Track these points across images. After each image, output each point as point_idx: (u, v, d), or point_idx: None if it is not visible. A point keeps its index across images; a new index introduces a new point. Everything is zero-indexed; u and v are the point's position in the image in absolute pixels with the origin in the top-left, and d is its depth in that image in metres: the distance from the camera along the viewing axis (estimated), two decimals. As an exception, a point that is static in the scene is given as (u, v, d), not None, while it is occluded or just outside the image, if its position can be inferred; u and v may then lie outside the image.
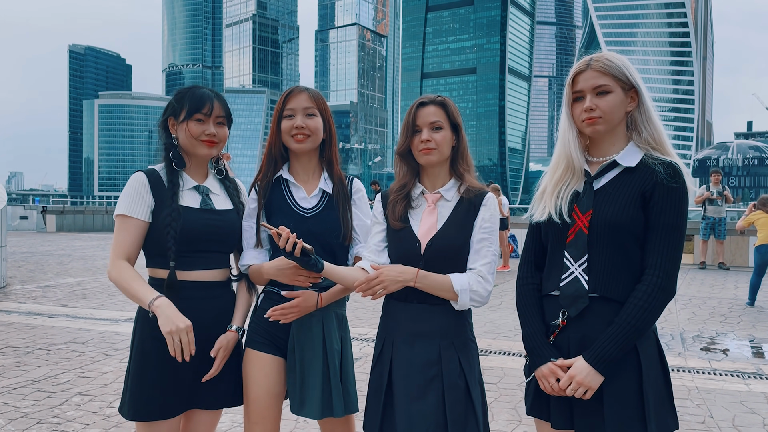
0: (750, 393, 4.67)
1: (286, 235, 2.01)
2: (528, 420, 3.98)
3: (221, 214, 2.31)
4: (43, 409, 4.14)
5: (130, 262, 2.20)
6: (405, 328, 2.13)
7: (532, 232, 2.12)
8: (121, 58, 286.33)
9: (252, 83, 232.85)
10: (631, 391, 1.86)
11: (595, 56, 1.97)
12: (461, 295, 2.07)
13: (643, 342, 1.88)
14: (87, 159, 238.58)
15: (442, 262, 2.10)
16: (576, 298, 1.91)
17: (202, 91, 2.28)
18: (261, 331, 2.28)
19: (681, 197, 1.88)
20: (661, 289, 1.84)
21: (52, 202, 44.08)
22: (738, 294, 9.68)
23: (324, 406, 2.22)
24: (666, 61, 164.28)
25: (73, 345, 5.90)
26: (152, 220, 2.21)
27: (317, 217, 2.29)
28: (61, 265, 12.68)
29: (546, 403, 2.01)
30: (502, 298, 8.80)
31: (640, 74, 1.84)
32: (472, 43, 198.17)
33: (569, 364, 1.89)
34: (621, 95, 1.93)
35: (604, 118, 1.92)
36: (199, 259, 2.24)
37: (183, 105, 2.25)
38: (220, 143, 2.31)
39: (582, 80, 1.94)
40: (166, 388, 2.19)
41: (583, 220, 1.93)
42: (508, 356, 5.63)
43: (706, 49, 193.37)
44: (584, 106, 1.93)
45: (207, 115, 2.24)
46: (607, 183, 1.95)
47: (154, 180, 2.25)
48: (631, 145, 1.97)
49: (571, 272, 1.93)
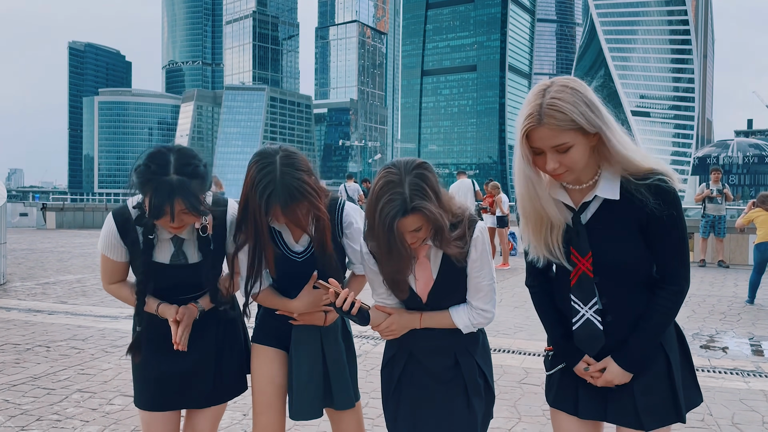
0: (749, 391, 4.68)
1: (344, 294, 1.97)
2: (527, 417, 3.98)
3: (194, 268, 2.29)
4: (43, 406, 4.14)
5: (120, 282, 2.38)
6: (419, 342, 2.15)
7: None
8: (120, 55, 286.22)
9: (252, 80, 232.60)
10: (661, 379, 1.89)
11: (545, 108, 1.69)
12: (465, 330, 2.13)
13: (666, 333, 1.91)
14: (87, 156, 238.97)
15: (445, 303, 2.14)
16: (592, 339, 1.89)
17: (161, 195, 2.03)
18: (266, 327, 2.37)
19: (675, 208, 1.80)
20: (681, 294, 1.86)
21: (52, 199, 44.08)
22: (738, 292, 9.68)
23: (325, 400, 2.30)
24: (666, 58, 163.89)
25: (73, 342, 5.90)
26: (129, 259, 2.32)
27: (310, 260, 2.28)
28: (60, 262, 12.68)
29: (572, 395, 1.99)
30: (502, 296, 8.80)
31: (641, 72, 1.90)
32: (472, 41, 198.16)
33: (601, 367, 1.90)
34: (583, 143, 1.75)
35: (572, 169, 1.78)
36: (174, 300, 2.31)
37: (146, 206, 2.12)
38: (187, 225, 2.19)
39: (538, 139, 1.73)
40: (156, 381, 2.31)
41: (585, 263, 1.85)
42: (507, 354, 5.63)
43: (707, 47, 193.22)
44: (547, 167, 1.77)
45: (167, 216, 2.08)
46: (594, 215, 1.86)
47: (124, 227, 2.25)
48: (606, 173, 1.83)
49: (581, 315, 1.89)
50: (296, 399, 2.27)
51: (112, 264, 2.31)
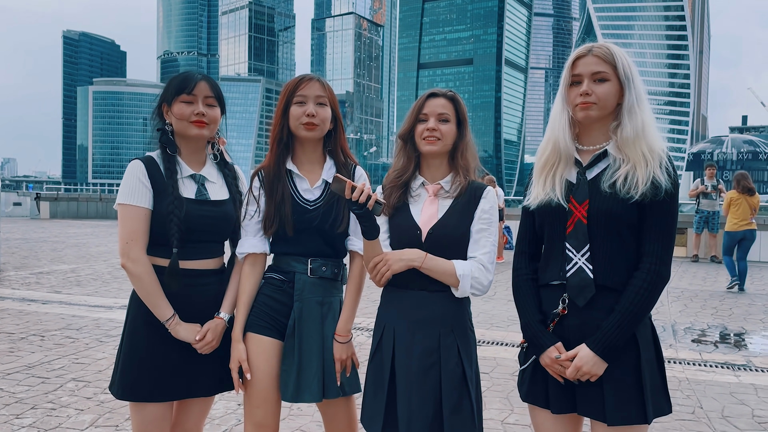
0: (739, 384, 4.73)
1: (361, 187, 2.00)
2: (519, 409, 4.02)
3: (217, 205, 2.31)
4: (38, 395, 4.15)
5: (144, 250, 2.20)
6: (405, 315, 2.15)
7: (526, 222, 2.14)
8: (115, 45, 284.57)
9: (247, 71, 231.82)
10: (630, 375, 1.90)
11: (597, 44, 1.99)
12: (462, 281, 2.10)
13: (641, 328, 1.93)
14: (81, 146, 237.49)
15: (443, 251, 2.14)
16: (583, 287, 1.93)
17: (189, 73, 2.28)
18: (262, 315, 2.30)
19: (674, 192, 1.92)
20: (659, 275, 1.90)
21: (46, 189, 43.97)
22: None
23: (325, 388, 2.25)
24: (662, 54, 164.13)
25: (67, 331, 5.90)
26: (153, 208, 2.21)
27: (320, 209, 2.29)
28: (54, 252, 12.66)
29: (543, 389, 2.03)
30: (496, 289, 8.84)
31: (637, 67, 1.90)
32: (468, 34, 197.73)
33: (572, 355, 1.92)
34: (617, 85, 1.95)
35: (598, 104, 1.94)
36: (194, 249, 2.25)
37: (171, 87, 2.26)
38: (211, 124, 2.28)
39: (582, 65, 1.96)
40: (155, 371, 2.21)
41: (581, 210, 1.95)
42: (501, 346, 5.67)
43: (703, 43, 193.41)
44: (581, 90, 1.95)
45: (194, 95, 2.23)
46: (598, 175, 1.97)
47: (151, 167, 2.24)
48: (614, 144, 1.99)
49: (575, 263, 1.95)
50: (306, 378, 2.23)
51: (136, 214, 2.18)
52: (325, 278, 2.30)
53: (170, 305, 2.21)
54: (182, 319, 2.23)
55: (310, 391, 2.24)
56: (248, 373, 2.23)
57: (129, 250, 2.17)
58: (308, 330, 2.26)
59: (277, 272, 2.32)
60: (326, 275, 2.30)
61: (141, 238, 2.19)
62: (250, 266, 2.33)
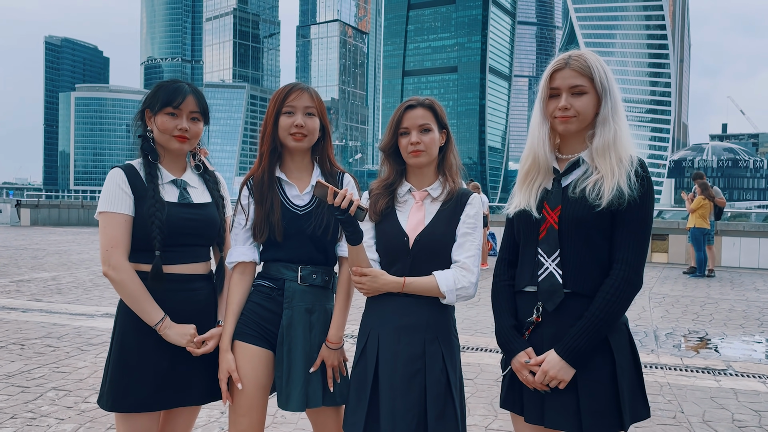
0: (720, 389, 4.78)
1: (343, 193, 2.02)
2: (503, 415, 4.03)
3: (200, 208, 2.32)
4: (17, 404, 4.09)
5: (126, 257, 2.18)
6: (391, 321, 2.15)
7: (508, 229, 2.17)
8: (98, 51, 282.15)
9: (232, 78, 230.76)
10: (605, 382, 1.90)
11: (574, 55, 1.99)
12: (448, 296, 2.13)
13: (615, 335, 1.94)
14: (63, 152, 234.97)
15: (430, 257, 2.15)
16: (552, 292, 1.95)
17: (178, 85, 2.27)
18: (251, 323, 2.29)
19: (646, 192, 1.93)
20: (628, 282, 1.90)
21: (27, 196, 43.35)
22: (710, 293, 9.87)
23: (307, 397, 2.25)
24: (644, 62, 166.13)
25: (48, 340, 5.83)
26: (134, 215, 2.20)
27: (310, 214, 2.30)
28: (35, 260, 12.49)
29: (519, 396, 2.05)
30: (480, 296, 8.85)
31: (619, 75, 2.08)
32: (453, 42, 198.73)
33: (541, 360, 1.94)
34: (595, 97, 1.98)
35: (578, 117, 1.97)
36: (179, 253, 2.24)
37: (158, 97, 2.25)
38: (193, 139, 2.29)
39: (560, 78, 1.98)
40: (146, 381, 2.17)
41: (553, 216, 1.98)
42: (485, 352, 5.69)
43: (683, 52, 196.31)
44: (559, 105, 1.97)
45: (180, 110, 2.23)
46: (573, 183, 1.99)
47: (131, 174, 2.24)
48: (590, 152, 2.01)
49: (545, 268, 1.97)
50: (293, 386, 2.23)
51: (117, 221, 2.17)
52: (315, 286, 2.29)
53: (159, 307, 2.18)
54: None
55: (294, 400, 2.23)
56: (239, 383, 2.22)
57: (110, 257, 2.15)
58: (296, 338, 2.26)
59: (266, 279, 2.31)
60: (316, 283, 2.29)
61: (122, 245, 2.17)
62: (239, 275, 2.32)
